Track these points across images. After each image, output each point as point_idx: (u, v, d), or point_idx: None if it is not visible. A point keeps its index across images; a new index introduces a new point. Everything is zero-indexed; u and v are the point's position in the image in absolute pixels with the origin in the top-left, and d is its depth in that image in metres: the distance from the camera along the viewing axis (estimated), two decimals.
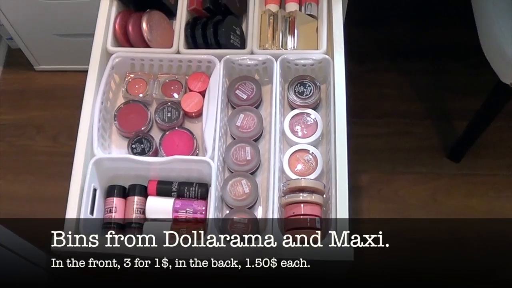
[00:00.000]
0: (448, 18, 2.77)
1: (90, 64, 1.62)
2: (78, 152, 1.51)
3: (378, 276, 2.26)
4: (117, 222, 1.51)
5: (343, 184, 1.43)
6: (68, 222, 1.42)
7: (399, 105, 2.61)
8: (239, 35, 1.70)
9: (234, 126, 1.60)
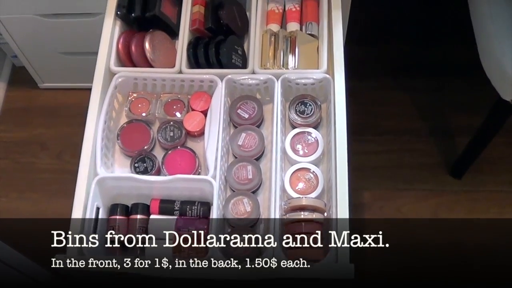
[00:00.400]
0: (449, 36, 2.79)
1: (94, 83, 1.63)
2: (81, 171, 1.51)
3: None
4: (120, 241, 1.50)
5: (344, 202, 1.43)
6: (71, 241, 1.42)
7: (401, 122, 2.62)
8: (241, 54, 1.71)
9: (236, 145, 1.60)
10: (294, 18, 1.80)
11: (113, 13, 1.73)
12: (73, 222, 1.45)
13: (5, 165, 2.62)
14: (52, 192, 2.51)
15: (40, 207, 2.49)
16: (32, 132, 2.70)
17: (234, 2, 1.78)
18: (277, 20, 1.81)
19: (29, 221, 2.42)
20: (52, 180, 2.55)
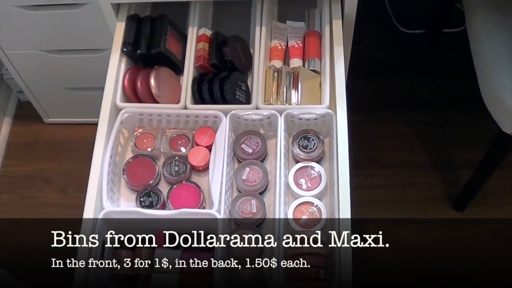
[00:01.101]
0: (450, 70, 2.80)
1: (100, 119, 1.65)
2: (87, 205, 1.53)
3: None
4: (126, 274, 1.52)
5: (346, 235, 1.44)
6: (77, 274, 1.44)
7: (403, 155, 2.62)
8: (245, 90, 1.73)
9: (240, 179, 1.62)
10: (296, 55, 1.83)
11: (119, 50, 1.76)
12: (79, 255, 1.46)
13: (11, 200, 2.62)
14: (57, 227, 2.47)
15: (45, 241, 2.45)
16: (37, 167, 2.70)
17: (237, 38, 1.80)
18: (280, 56, 1.83)
19: (35, 252, 2.43)
20: (57, 215, 2.55)
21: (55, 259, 1.45)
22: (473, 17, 2.09)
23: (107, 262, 1.49)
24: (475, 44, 2.07)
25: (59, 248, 2.19)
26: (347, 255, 1.43)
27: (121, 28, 1.80)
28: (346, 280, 1.40)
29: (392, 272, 2.35)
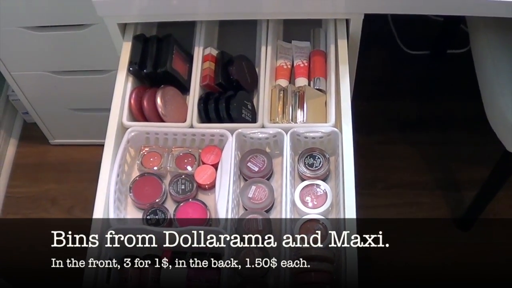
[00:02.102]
0: (456, 90, 2.82)
1: (107, 138, 1.65)
2: (95, 223, 1.53)
3: None
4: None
5: (352, 253, 1.45)
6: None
7: (408, 176, 2.63)
8: (251, 109, 1.74)
9: (246, 197, 1.62)
10: (302, 74, 1.83)
11: (126, 69, 1.76)
12: (86, 273, 1.47)
13: (17, 220, 2.61)
14: (64, 247, 2.48)
15: (52, 261, 2.46)
16: (43, 188, 2.71)
17: (243, 58, 1.81)
18: (286, 75, 1.84)
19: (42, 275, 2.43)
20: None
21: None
22: (477, 37, 2.09)
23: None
24: (479, 63, 2.07)
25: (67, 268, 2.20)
26: (353, 273, 1.43)
27: (128, 47, 1.80)
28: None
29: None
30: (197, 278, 1.50)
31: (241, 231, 1.56)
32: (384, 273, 2.39)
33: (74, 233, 1.49)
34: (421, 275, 2.41)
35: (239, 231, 1.56)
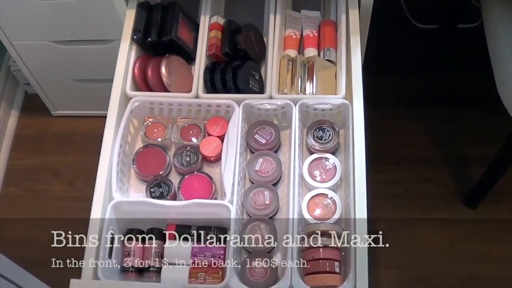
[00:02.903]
0: (465, 66, 2.77)
1: (109, 108, 1.63)
2: (96, 195, 1.50)
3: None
4: (136, 266, 1.50)
5: (362, 228, 1.42)
6: (86, 266, 1.41)
7: (416, 151, 2.60)
8: (258, 80, 1.71)
9: (253, 170, 1.60)
10: (311, 44, 1.80)
11: (129, 37, 1.73)
12: (88, 247, 1.44)
13: (18, 192, 2.60)
14: (66, 220, 2.46)
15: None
16: (45, 160, 2.68)
17: (251, 27, 1.78)
18: (295, 45, 1.81)
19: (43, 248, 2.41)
20: (65, 208, 2.53)
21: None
22: (490, 11, 2.05)
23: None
24: (492, 39, 2.03)
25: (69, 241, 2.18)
26: (363, 250, 1.40)
27: (131, 15, 1.78)
28: (362, 274, 1.38)
29: (403, 268, 2.33)
30: (202, 253, 1.49)
31: (248, 205, 1.54)
32: (391, 249, 2.33)
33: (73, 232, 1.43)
34: (427, 252, 2.38)
35: (245, 205, 1.55)
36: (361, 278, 1.37)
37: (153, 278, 1.48)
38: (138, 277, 1.50)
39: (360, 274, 1.37)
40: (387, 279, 2.32)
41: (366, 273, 1.37)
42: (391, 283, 2.31)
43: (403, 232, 2.40)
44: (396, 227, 2.41)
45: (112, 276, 1.46)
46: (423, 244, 2.39)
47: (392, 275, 2.32)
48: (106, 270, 1.43)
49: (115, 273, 1.49)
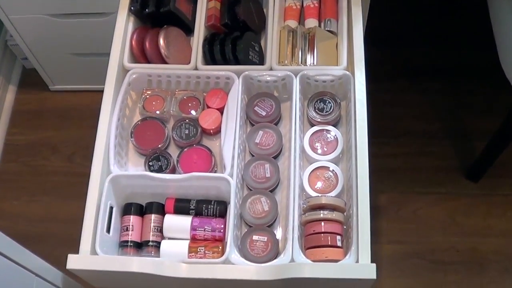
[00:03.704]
0: (467, 38, 2.76)
1: (107, 80, 1.60)
2: (94, 169, 1.48)
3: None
4: (134, 240, 1.49)
5: (364, 201, 1.40)
6: (84, 241, 1.40)
7: (417, 124, 2.60)
8: (258, 51, 1.69)
9: (253, 143, 1.58)
10: (312, 15, 1.77)
11: (127, 8, 1.71)
12: (86, 221, 1.42)
13: (16, 168, 2.59)
14: (64, 195, 2.49)
15: (52, 210, 2.47)
16: (43, 135, 2.68)
17: None
18: (295, 16, 1.78)
19: (42, 225, 2.43)
20: (63, 183, 2.53)
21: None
22: None
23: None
24: (495, 10, 2.01)
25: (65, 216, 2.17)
26: (365, 223, 1.38)
27: None
28: (364, 248, 1.36)
29: (404, 243, 2.34)
30: (202, 227, 1.48)
31: (248, 178, 1.53)
32: (392, 223, 2.37)
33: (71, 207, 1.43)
34: (428, 226, 2.38)
35: (245, 178, 1.53)
36: (363, 252, 1.35)
37: (152, 253, 1.47)
38: (137, 251, 1.48)
39: (362, 248, 1.35)
40: (387, 253, 2.32)
41: (368, 247, 1.35)
42: (392, 257, 2.31)
43: (404, 206, 2.41)
44: (397, 201, 2.41)
45: (110, 251, 1.45)
46: (424, 218, 2.39)
47: (393, 249, 2.32)
48: (104, 245, 1.41)
49: (114, 248, 1.48)
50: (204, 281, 1.35)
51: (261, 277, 1.34)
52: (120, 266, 1.34)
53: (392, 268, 2.28)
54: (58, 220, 2.44)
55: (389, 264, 2.29)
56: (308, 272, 1.31)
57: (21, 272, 1.28)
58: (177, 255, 1.43)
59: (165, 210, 1.51)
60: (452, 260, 2.31)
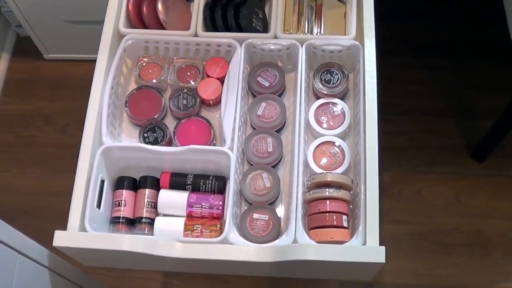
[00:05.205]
0: (476, 14, 2.72)
1: (100, 45, 1.56)
2: (85, 140, 1.43)
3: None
4: (126, 217, 1.45)
5: (373, 179, 1.36)
6: (73, 217, 1.35)
7: (422, 102, 2.57)
8: (262, 18, 1.64)
9: (255, 115, 1.53)
10: None
11: None
12: (75, 196, 1.37)
13: (8, 139, 2.57)
14: (56, 167, 2.47)
15: (43, 183, 2.45)
16: (36, 105, 2.65)
17: None
18: None
19: (33, 198, 2.41)
20: (56, 155, 2.51)
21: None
22: None
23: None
24: None
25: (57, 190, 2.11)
26: (373, 203, 1.33)
27: None
28: (373, 229, 1.31)
29: (408, 223, 2.31)
30: (199, 204, 1.44)
31: (249, 152, 1.49)
32: (395, 203, 2.34)
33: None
34: (432, 206, 2.35)
35: (246, 152, 1.50)
36: (372, 234, 1.30)
37: (145, 230, 1.44)
38: (129, 229, 1.45)
39: (370, 229, 1.31)
40: (389, 234, 2.31)
41: (377, 228, 1.31)
42: (394, 238, 2.30)
43: (407, 185, 2.39)
44: (400, 180, 2.40)
45: (100, 227, 1.41)
46: (428, 198, 2.38)
47: (395, 229, 2.30)
48: (94, 221, 1.37)
49: (104, 224, 1.45)
50: (200, 261, 1.31)
51: (261, 259, 1.28)
52: (110, 244, 1.29)
53: (394, 249, 2.26)
54: (50, 194, 2.41)
55: (391, 244, 2.25)
56: (312, 254, 1.26)
57: (3, 250, 1.21)
58: (172, 233, 1.39)
59: (160, 185, 1.47)
60: (456, 242, 2.29)
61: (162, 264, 1.41)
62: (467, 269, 2.23)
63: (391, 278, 2.23)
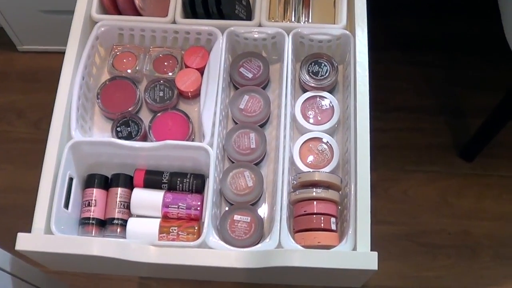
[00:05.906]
0: (467, 9, 2.69)
1: (71, 33, 1.50)
2: (52, 134, 1.37)
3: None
4: (97, 218, 1.39)
5: (364, 178, 1.30)
6: (38, 218, 1.28)
7: (410, 99, 2.53)
8: (245, 5, 1.59)
9: (237, 109, 1.48)
10: None
11: None
12: (40, 195, 1.30)
13: None
14: (30, 163, 2.40)
15: (15, 179, 2.40)
16: (8, 99, 2.60)
17: None
18: None
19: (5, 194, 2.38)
20: (29, 150, 2.45)
21: None
22: None
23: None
24: None
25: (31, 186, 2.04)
26: (364, 204, 1.28)
27: None
28: (363, 232, 1.26)
29: (394, 224, 2.28)
30: (175, 204, 1.38)
31: (230, 148, 1.45)
32: (381, 203, 2.31)
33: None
34: (419, 206, 2.32)
35: (227, 148, 1.45)
36: (362, 238, 1.25)
37: (117, 232, 1.38)
38: (100, 230, 1.39)
39: (361, 232, 1.25)
40: (375, 234, 2.18)
41: (368, 232, 1.25)
42: (380, 239, 2.22)
43: (394, 184, 2.37)
44: (386, 179, 2.37)
45: (68, 229, 1.35)
46: (415, 198, 2.37)
47: (381, 230, 2.25)
48: (61, 223, 1.31)
49: (73, 226, 1.38)
50: (176, 267, 1.25)
51: (243, 265, 1.22)
52: (78, 248, 1.22)
53: (380, 250, 2.15)
54: (23, 191, 2.29)
55: (377, 246, 2.17)
56: (297, 260, 1.20)
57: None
58: (146, 236, 1.33)
59: (134, 184, 1.42)
60: (443, 244, 2.26)
61: (136, 269, 1.36)
62: (455, 272, 2.21)
63: (377, 281, 2.19)
